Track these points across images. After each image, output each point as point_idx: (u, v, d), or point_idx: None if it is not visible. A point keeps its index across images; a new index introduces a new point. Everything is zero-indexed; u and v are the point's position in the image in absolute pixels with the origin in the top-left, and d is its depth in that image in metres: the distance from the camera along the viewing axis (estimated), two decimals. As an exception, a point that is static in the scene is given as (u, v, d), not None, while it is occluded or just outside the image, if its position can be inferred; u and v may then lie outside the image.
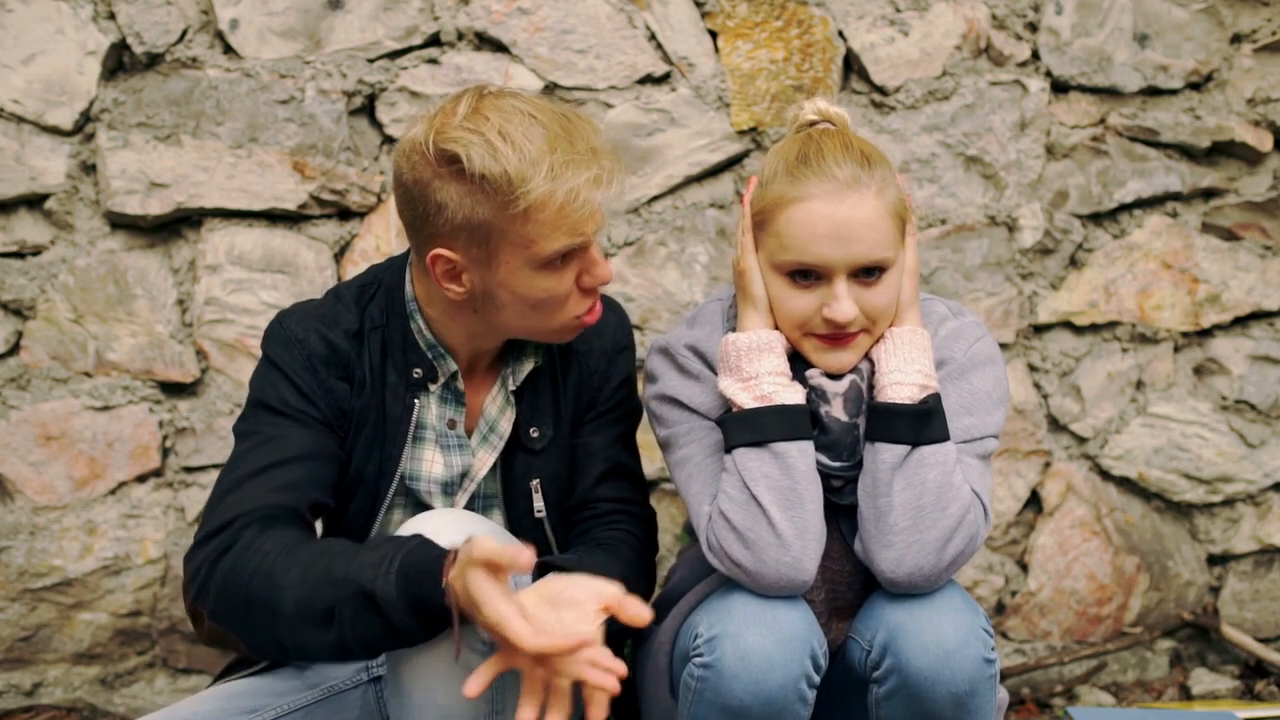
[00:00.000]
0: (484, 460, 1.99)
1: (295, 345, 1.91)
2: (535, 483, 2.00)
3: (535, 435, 2.00)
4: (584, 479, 2.05)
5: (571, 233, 1.79)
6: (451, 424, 1.97)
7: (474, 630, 1.62)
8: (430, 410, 1.97)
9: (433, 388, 1.96)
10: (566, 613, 1.61)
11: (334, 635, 1.64)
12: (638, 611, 1.59)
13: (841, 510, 1.90)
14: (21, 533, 2.67)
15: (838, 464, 1.86)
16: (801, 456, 1.80)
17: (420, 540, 1.64)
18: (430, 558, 1.60)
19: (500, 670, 1.58)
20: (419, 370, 1.94)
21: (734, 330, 1.90)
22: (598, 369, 2.06)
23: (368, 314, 1.96)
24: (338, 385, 1.92)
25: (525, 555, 1.49)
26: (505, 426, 2.00)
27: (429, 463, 1.97)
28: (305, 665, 1.97)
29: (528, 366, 2.01)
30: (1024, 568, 2.91)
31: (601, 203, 1.79)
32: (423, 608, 1.58)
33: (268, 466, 1.82)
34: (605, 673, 1.53)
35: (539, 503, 1.99)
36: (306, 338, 1.91)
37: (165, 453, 2.71)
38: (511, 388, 2.00)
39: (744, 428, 1.81)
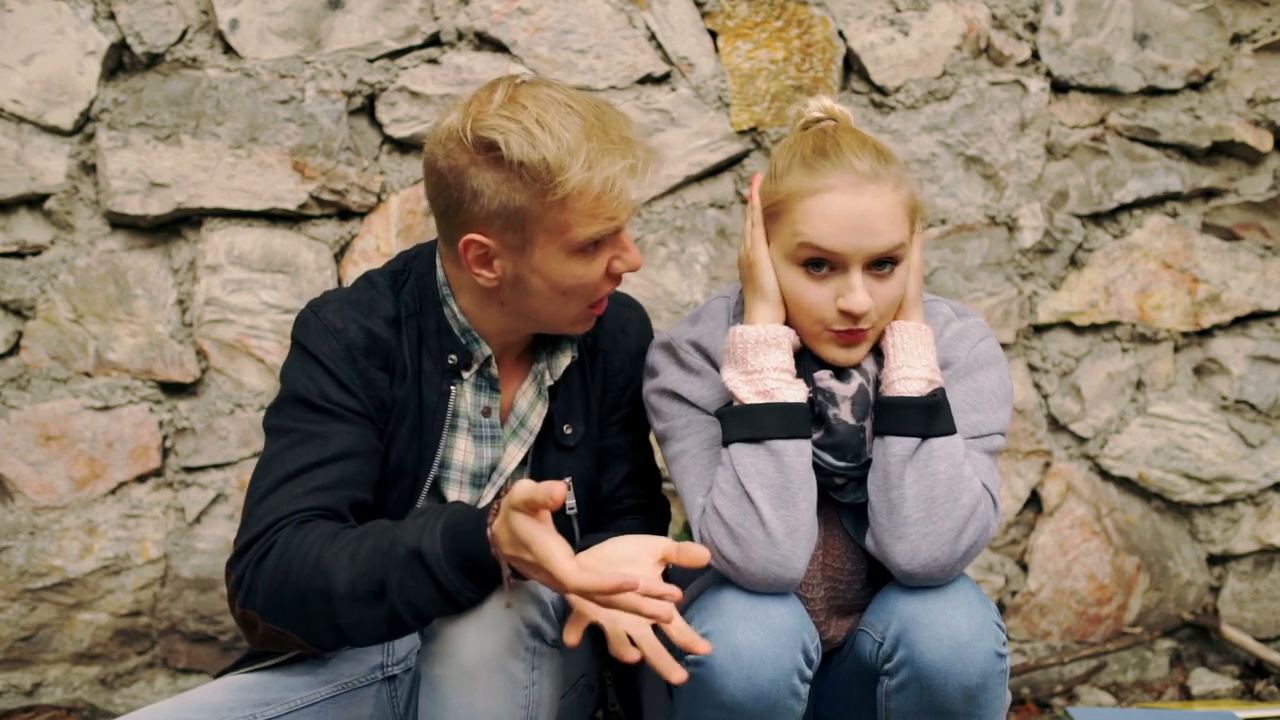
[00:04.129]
0: (513, 455, 1.98)
1: (334, 335, 1.88)
2: (567, 480, 1.99)
3: (569, 432, 2.00)
4: (610, 479, 2.06)
5: (606, 220, 1.81)
6: (486, 411, 1.97)
7: (530, 607, 1.66)
8: (465, 398, 1.96)
9: (466, 375, 1.95)
10: (625, 569, 1.65)
11: (386, 608, 1.65)
12: (697, 554, 1.66)
13: (844, 509, 1.91)
14: (21, 533, 2.67)
15: (843, 464, 1.87)
16: (798, 455, 1.80)
17: (462, 503, 1.71)
18: (474, 513, 1.64)
19: (583, 626, 1.67)
20: (454, 356, 1.93)
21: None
22: (623, 369, 2.06)
23: (402, 301, 1.95)
24: (378, 376, 1.90)
25: (559, 488, 1.53)
26: (535, 421, 2.00)
27: (462, 452, 1.96)
28: (319, 662, 1.96)
29: (564, 361, 2.00)
30: (1024, 568, 2.91)
31: (635, 190, 1.81)
32: (469, 561, 1.62)
33: (307, 467, 1.80)
34: (659, 601, 1.58)
35: (571, 500, 1.99)
36: (346, 327, 1.89)
37: (165, 453, 2.71)
38: (549, 383, 1.99)
39: (742, 423, 1.81)
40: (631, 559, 1.70)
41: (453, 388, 1.94)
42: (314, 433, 1.83)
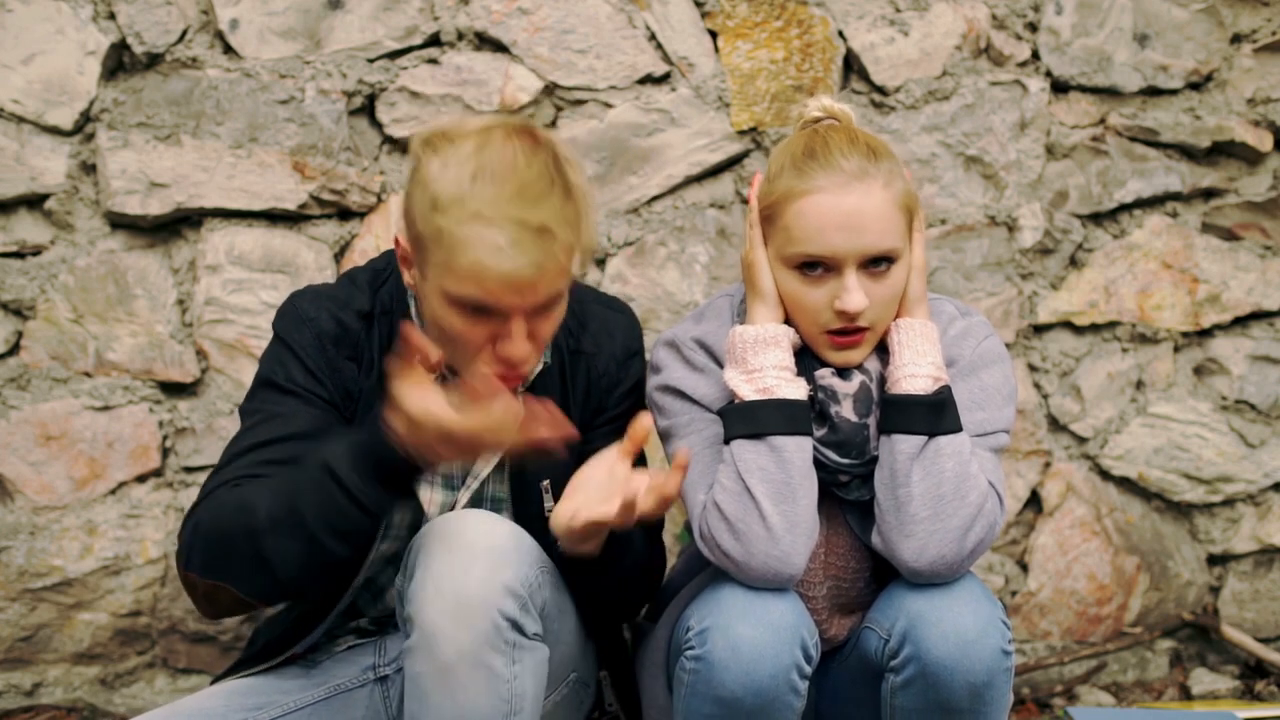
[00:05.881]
0: (486, 457, 1.98)
1: (306, 324, 1.92)
2: (545, 483, 1.99)
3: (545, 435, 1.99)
4: None
5: (479, 288, 1.72)
6: None
7: (508, 600, 1.65)
8: None
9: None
10: (598, 479, 1.75)
11: (306, 531, 1.66)
12: (646, 422, 1.73)
13: (849, 506, 1.91)
14: (21, 533, 2.67)
15: (847, 461, 1.87)
16: (798, 452, 1.81)
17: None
18: (380, 421, 1.65)
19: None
20: None
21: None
22: (607, 372, 2.04)
23: (379, 298, 1.96)
24: (346, 365, 1.92)
25: (433, 352, 1.57)
26: None
27: None
28: (312, 664, 1.96)
29: (536, 366, 2.00)
30: (1024, 568, 2.91)
31: (505, 278, 1.70)
32: (376, 461, 1.63)
33: (265, 442, 1.83)
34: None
35: (549, 502, 1.98)
36: (318, 316, 1.92)
37: (165, 453, 2.71)
38: (520, 388, 1.99)
39: (742, 420, 1.82)
40: (598, 470, 1.77)
41: None
42: (277, 413, 1.86)
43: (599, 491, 1.74)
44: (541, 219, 1.70)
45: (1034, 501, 2.91)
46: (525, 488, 1.98)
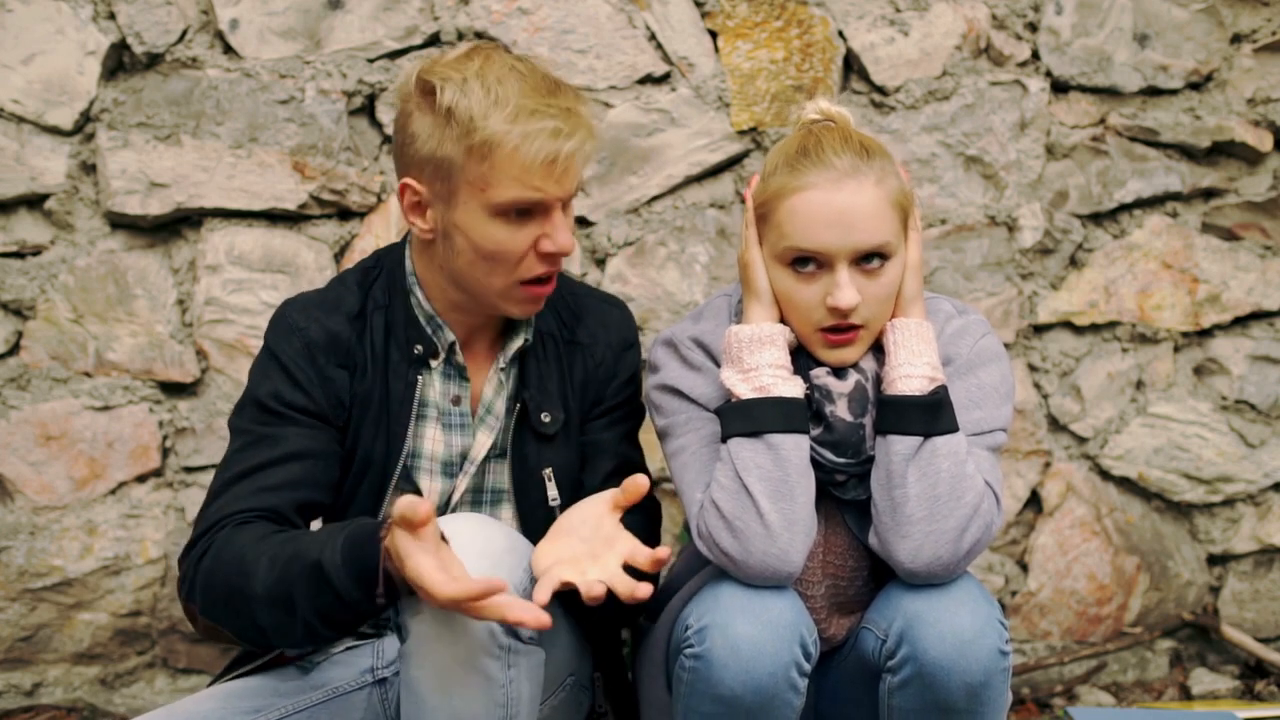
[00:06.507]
0: (482, 442, 1.98)
1: (296, 334, 1.93)
2: (548, 471, 2.00)
3: (548, 420, 2.00)
4: (593, 475, 2.05)
5: (527, 185, 1.80)
6: (456, 400, 1.98)
7: (492, 630, 1.64)
8: (433, 387, 1.97)
9: (434, 364, 1.97)
10: (583, 529, 1.73)
11: (299, 616, 1.67)
12: (636, 484, 1.70)
13: (846, 506, 1.91)
14: (21, 533, 2.67)
15: (842, 460, 1.87)
16: (795, 450, 1.81)
17: (365, 519, 1.71)
18: (373, 526, 1.64)
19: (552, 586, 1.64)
20: (420, 347, 1.96)
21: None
22: (604, 362, 2.06)
23: (371, 295, 1.98)
24: (337, 374, 1.93)
25: (423, 506, 1.53)
26: (500, 407, 2.00)
27: (431, 441, 1.97)
28: (310, 666, 1.97)
29: (516, 343, 2.00)
30: (1024, 568, 2.91)
31: (563, 161, 1.80)
32: (364, 572, 1.62)
33: (256, 468, 1.84)
34: (526, 607, 1.55)
35: (553, 491, 1.99)
36: (307, 326, 1.93)
37: (165, 453, 2.71)
38: (501, 365, 2.00)
39: (739, 418, 1.82)
40: (587, 520, 1.74)
41: (420, 377, 1.96)
42: (266, 435, 1.88)
43: (584, 544, 1.73)
44: (568, 103, 1.83)
45: (1034, 501, 2.91)
46: (527, 478, 1.99)
